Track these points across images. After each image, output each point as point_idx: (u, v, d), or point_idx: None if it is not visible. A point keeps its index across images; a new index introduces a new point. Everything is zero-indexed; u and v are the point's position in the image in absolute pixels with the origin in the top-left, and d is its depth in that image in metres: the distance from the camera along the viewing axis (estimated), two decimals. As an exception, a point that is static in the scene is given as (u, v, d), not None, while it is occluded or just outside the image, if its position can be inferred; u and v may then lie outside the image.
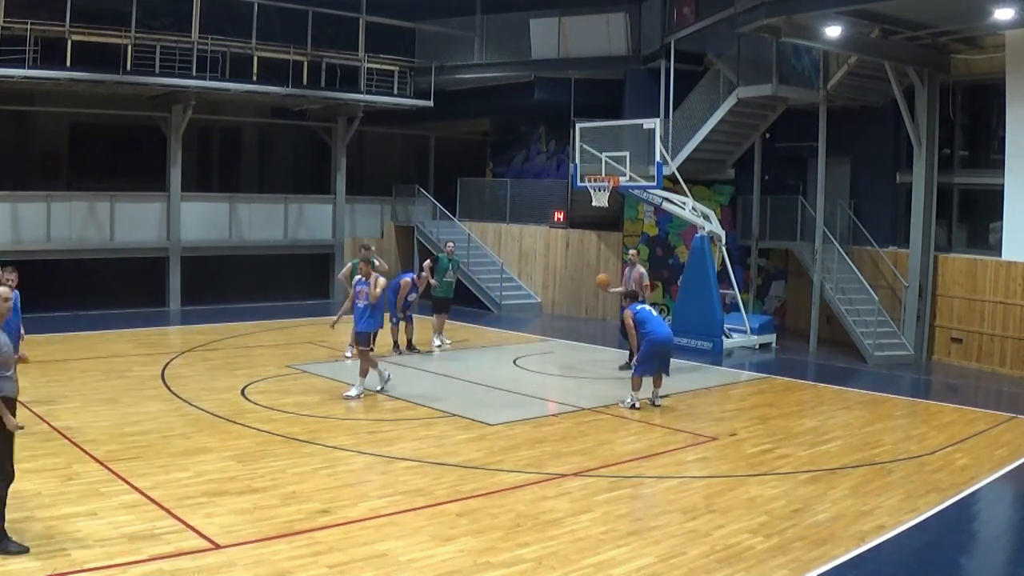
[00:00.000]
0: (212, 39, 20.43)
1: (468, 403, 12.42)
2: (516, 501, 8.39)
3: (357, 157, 27.45)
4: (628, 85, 22.30)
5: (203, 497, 8.09)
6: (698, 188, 20.32)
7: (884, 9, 15.11)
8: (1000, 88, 16.48)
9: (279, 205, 24.14)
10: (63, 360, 13.72)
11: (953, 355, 17.35)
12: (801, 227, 19.75)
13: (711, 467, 9.99)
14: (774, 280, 21.92)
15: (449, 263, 17.13)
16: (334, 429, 10.76)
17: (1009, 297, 16.33)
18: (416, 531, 7.50)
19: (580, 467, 9.59)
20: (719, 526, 7.90)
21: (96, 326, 18.11)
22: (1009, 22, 14.66)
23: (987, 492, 9.39)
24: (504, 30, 23.97)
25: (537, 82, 23.39)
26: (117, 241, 21.26)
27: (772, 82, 18.15)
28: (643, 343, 12.24)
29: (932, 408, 13.49)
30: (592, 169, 17.99)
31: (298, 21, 21.94)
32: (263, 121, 25.93)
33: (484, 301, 23.12)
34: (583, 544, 7.37)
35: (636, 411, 12.19)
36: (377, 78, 23.36)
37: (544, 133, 25.38)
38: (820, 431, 11.63)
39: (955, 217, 18.22)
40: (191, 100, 20.89)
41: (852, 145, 19.61)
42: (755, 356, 17.75)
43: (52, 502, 7.75)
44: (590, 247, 22.41)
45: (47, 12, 18.56)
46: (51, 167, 22.81)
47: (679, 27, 19.95)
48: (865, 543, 7.60)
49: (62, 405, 11.41)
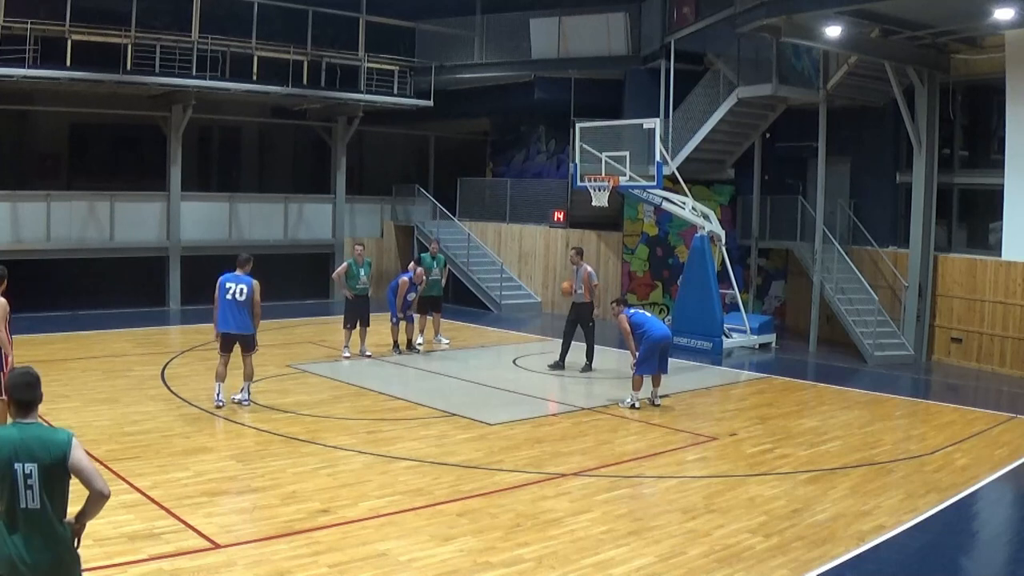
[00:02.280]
0: (212, 39, 20.43)
1: (468, 403, 12.42)
2: (516, 501, 8.39)
3: (357, 157, 27.45)
4: (628, 85, 22.30)
5: (203, 497, 8.09)
6: (698, 188, 20.34)
7: (884, 9, 15.11)
8: (1000, 88, 16.49)
9: (279, 205, 24.15)
10: (63, 360, 13.72)
11: (953, 355, 17.35)
12: (801, 227, 19.76)
13: (711, 467, 9.98)
14: (774, 280, 21.93)
15: (433, 261, 17.02)
16: (334, 429, 10.76)
17: (1009, 297, 16.33)
18: (416, 531, 7.50)
19: (580, 467, 9.59)
20: (719, 526, 7.90)
21: (96, 326, 18.11)
22: (1009, 22, 14.66)
23: (987, 492, 9.39)
24: (504, 30, 23.96)
25: (537, 82, 23.39)
26: (117, 241, 21.25)
27: (772, 82, 18.18)
28: (641, 343, 12.25)
29: (932, 408, 13.49)
30: (592, 169, 17.99)
31: (298, 21, 21.94)
32: (263, 121, 25.93)
33: (484, 301, 23.12)
34: (583, 544, 7.37)
35: (636, 411, 12.19)
36: (377, 78, 23.35)
37: (544, 133, 25.37)
38: (820, 431, 11.63)
39: (955, 217, 18.22)
40: (191, 100, 20.88)
41: (852, 145, 19.63)
42: (755, 356, 17.75)
43: (52, 502, 7.74)
44: (590, 247, 22.38)
45: (47, 12, 18.55)
46: (51, 167, 22.81)
47: (679, 27, 19.94)
48: (865, 543, 7.60)
49: (62, 404, 11.39)
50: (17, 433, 4.36)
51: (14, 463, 4.29)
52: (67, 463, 4.38)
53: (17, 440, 4.33)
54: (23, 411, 4.45)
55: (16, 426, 4.42)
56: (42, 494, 4.33)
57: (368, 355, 15.57)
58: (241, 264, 11.52)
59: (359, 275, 15.41)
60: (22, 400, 4.45)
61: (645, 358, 12.24)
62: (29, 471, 4.30)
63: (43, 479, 4.32)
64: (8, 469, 4.28)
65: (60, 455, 4.36)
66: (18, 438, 4.34)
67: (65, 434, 4.45)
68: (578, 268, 15.17)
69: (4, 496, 4.30)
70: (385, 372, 14.73)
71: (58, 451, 4.37)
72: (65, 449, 4.39)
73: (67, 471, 4.40)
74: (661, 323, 12.96)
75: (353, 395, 12.83)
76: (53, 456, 4.35)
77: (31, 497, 4.31)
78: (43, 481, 4.33)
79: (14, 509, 4.31)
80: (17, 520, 4.32)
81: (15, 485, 4.30)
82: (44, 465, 4.33)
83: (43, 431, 4.42)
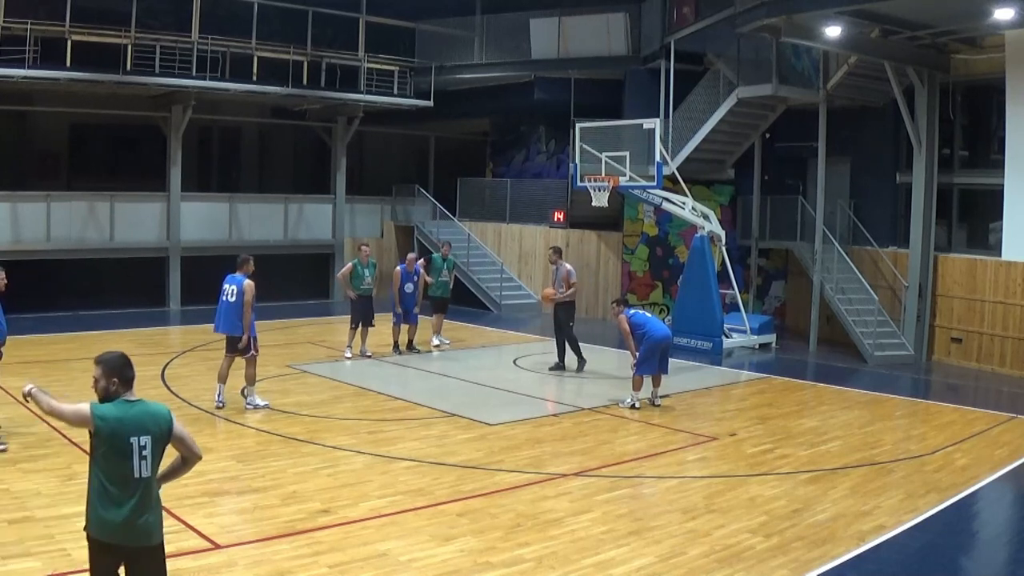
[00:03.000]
0: (212, 39, 20.44)
1: (468, 403, 12.42)
2: (516, 501, 8.40)
3: (357, 157, 27.46)
4: (628, 85, 22.30)
5: (203, 497, 8.09)
6: (698, 188, 20.34)
7: (884, 9, 15.11)
8: (1000, 88, 16.49)
9: (279, 205, 24.15)
10: (64, 360, 13.72)
11: (953, 355, 17.36)
12: (801, 227, 19.76)
13: (711, 467, 9.99)
14: (774, 280, 21.93)
15: (444, 263, 17.11)
16: (334, 429, 10.76)
17: (1009, 297, 16.33)
18: (416, 531, 7.50)
19: (580, 467, 9.60)
20: (719, 526, 7.91)
21: (96, 326, 18.10)
22: (1009, 22, 14.67)
23: (987, 492, 9.39)
24: (504, 30, 23.97)
25: (537, 82, 23.39)
26: (117, 241, 21.25)
27: (772, 82, 18.17)
28: (642, 344, 12.25)
29: (932, 408, 13.50)
30: (592, 169, 17.99)
31: (298, 21, 21.94)
32: (263, 121, 25.94)
33: (484, 301, 23.12)
34: (583, 544, 7.37)
35: (636, 411, 12.20)
36: (377, 78, 23.36)
37: (544, 133, 25.36)
38: (820, 431, 11.63)
39: (955, 217, 18.23)
40: (191, 100, 20.88)
41: (852, 145, 19.63)
42: (755, 356, 17.76)
43: (52, 502, 7.76)
44: (590, 247, 22.40)
45: (47, 12, 18.56)
46: (51, 167, 22.83)
47: (679, 27, 19.93)
48: (865, 543, 7.60)
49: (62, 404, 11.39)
50: (129, 409, 4.79)
51: (130, 437, 4.73)
52: (172, 433, 4.90)
53: (131, 416, 4.77)
54: (128, 388, 4.87)
55: (124, 403, 4.81)
56: (152, 463, 4.81)
57: (369, 355, 15.57)
58: (238, 265, 11.53)
59: (364, 276, 15.43)
60: (128, 378, 4.87)
61: (645, 358, 12.24)
62: (144, 443, 4.77)
63: (154, 450, 4.81)
64: (125, 443, 4.72)
65: (167, 427, 4.89)
66: (131, 414, 4.78)
67: (165, 408, 4.95)
68: (557, 267, 15.10)
69: (117, 468, 4.72)
70: (385, 372, 14.74)
71: (165, 424, 4.88)
72: (170, 421, 4.91)
73: (169, 440, 4.91)
74: (661, 323, 12.96)
75: (353, 395, 12.83)
76: (162, 428, 4.85)
77: (144, 467, 4.77)
78: (153, 452, 4.82)
79: (128, 478, 4.74)
80: (131, 488, 4.74)
81: (131, 457, 4.73)
82: (155, 437, 4.82)
83: (148, 406, 4.89)
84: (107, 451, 4.72)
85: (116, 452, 4.72)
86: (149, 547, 4.88)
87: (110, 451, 4.72)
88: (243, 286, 11.23)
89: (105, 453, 4.73)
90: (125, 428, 4.72)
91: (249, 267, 11.51)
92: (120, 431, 4.71)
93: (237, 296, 11.23)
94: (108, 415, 4.72)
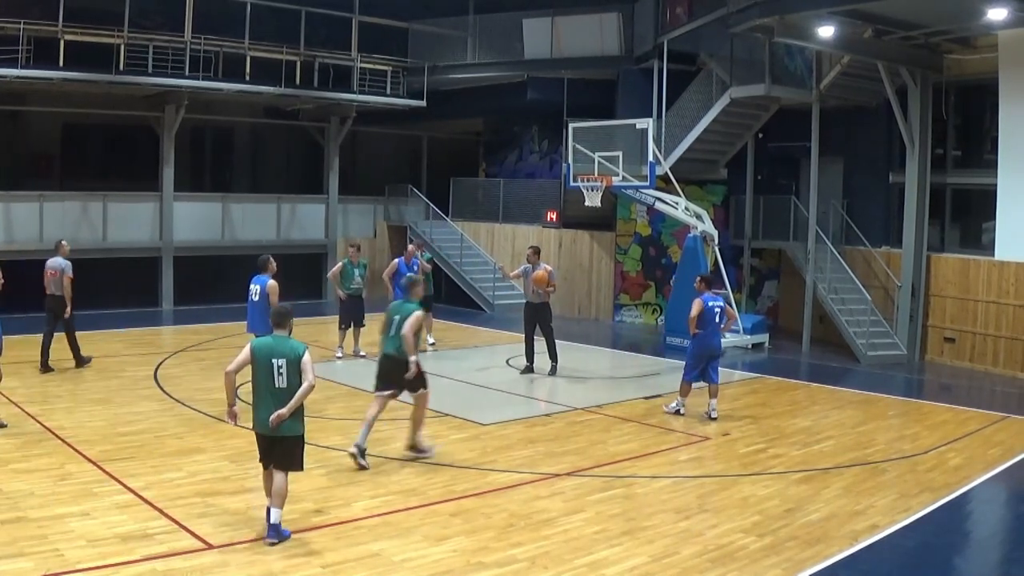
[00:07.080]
0: (205, 39, 20.40)
1: (461, 403, 12.42)
2: (509, 501, 8.40)
3: (350, 157, 27.39)
4: (621, 85, 22.29)
5: (196, 497, 8.08)
6: (691, 188, 20.35)
7: (877, 9, 15.14)
8: (993, 88, 16.52)
9: (272, 205, 24.09)
10: (56, 360, 13.65)
11: (946, 355, 17.39)
12: (794, 227, 19.76)
13: (704, 467, 10.00)
14: (767, 280, 21.95)
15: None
16: (327, 429, 10.74)
17: (1002, 297, 16.37)
18: (409, 531, 7.50)
19: (573, 467, 9.60)
20: (712, 526, 7.92)
21: (89, 326, 17.94)
22: (1002, 22, 14.71)
23: (980, 492, 9.41)
24: (497, 30, 23.93)
25: (530, 82, 23.36)
26: (110, 241, 21.19)
27: (765, 82, 18.17)
28: (694, 343, 12.02)
29: (925, 408, 13.52)
30: (585, 169, 17.99)
31: (291, 21, 21.90)
32: (256, 121, 25.87)
33: (477, 301, 23.11)
34: (576, 544, 7.37)
35: (680, 417, 11.97)
36: (370, 78, 23.32)
37: (537, 133, 25.35)
38: (813, 431, 11.65)
39: (948, 217, 18.26)
40: (184, 100, 20.83)
41: (845, 145, 19.64)
42: (748, 356, 17.77)
43: (45, 502, 7.74)
44: (583, 247, 22.40)
45: (40, 11, 18.50)
46: (44, 167, 22.72)
47: (672, 27, 19.96)
48: (858, 543, 7.62)
49: (55, 405, 11.39)
50: (273, 341, 7.24)
51: (271, 358, 7.11)
52: (301, 361, 7.12)
53: (273, 344, 7.21)
54: (280, 328, 7.28)
55: (273, 337, 7.27)
56: (288, 379, 7.09)
57: (362, 355, 15.53)
58: (260, 266, 12.36)
59: (354, 275, 15.39)
60: (280, 324, 7.30)
61: (693, 364, 12.01)
62: (280, 364, 7.10)
63: (288, 369, 7.09)
64: (268, 361, 7.10)
65: (298, 355, 7.14)
66: (274, 343, 7.22)
67: (301, 344, 7.23)
68: (534, 267, 14.65)
69: (263, 380, 7.12)
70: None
71: (297, 353, 7.14)
72: (300, 352, 7.15)
73: (300, 365, 7.10)
74: (719, 336, 12.33)
75: (346, 395, 12.82)
76: (295, 355, 7.13)
77: (281, 380, 7.10)
78: (288, 370, 7.09)
79: (272, 388, 7.11)
80: (273, 395, 7.10)
81: (271, 372, 7.09)
82: (289, 360, 7.11)
83: (288, 340, 7.23)
84: (258, 368, 7.10)
85: (262, 369, 7.09)
86: (280, 438, 7.15)
87: (259, 368, 7.09)
88: (267, 287, 12.04)
89: (257, 370, 7.10)
90: (268, 352, 7.11)
91: (271, 267, 12.31)
92: (265, 353, 7.12)
93: (261, 296, 12.05)
94: (259, 344, 7.22)
